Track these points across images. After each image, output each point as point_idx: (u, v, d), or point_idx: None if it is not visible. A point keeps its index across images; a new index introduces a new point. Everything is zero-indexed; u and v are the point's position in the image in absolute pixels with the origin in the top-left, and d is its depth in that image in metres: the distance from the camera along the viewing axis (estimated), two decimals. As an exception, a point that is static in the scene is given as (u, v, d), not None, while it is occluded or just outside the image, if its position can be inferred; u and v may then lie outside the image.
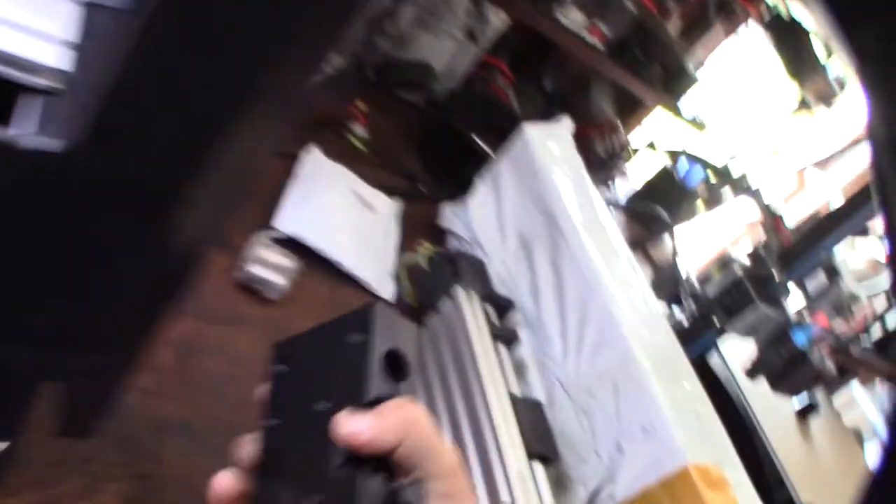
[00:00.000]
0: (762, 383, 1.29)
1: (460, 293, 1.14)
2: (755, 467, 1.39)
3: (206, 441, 0.92)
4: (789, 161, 1.90)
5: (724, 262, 1.27)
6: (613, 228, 1.30)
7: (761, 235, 1.33)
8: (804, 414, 1.54)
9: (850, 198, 1.22)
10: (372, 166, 1.56)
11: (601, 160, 2.12)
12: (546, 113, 2.11)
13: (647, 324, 1.14)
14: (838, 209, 1.23)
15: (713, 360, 1.50)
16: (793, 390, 1.24)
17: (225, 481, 0.39)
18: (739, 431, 1.41)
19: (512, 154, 1.38)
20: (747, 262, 1.28)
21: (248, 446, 0.40)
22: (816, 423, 1.57)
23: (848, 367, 1.81)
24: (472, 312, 1.12)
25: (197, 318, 1.02)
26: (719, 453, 1.03)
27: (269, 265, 1.10)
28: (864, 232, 1.23)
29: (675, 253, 1.47)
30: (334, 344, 0.40)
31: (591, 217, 1.28)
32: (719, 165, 1.83)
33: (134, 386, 0.91)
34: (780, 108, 1.89)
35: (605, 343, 1.11)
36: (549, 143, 1.39)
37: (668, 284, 1.51)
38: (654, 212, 1.77)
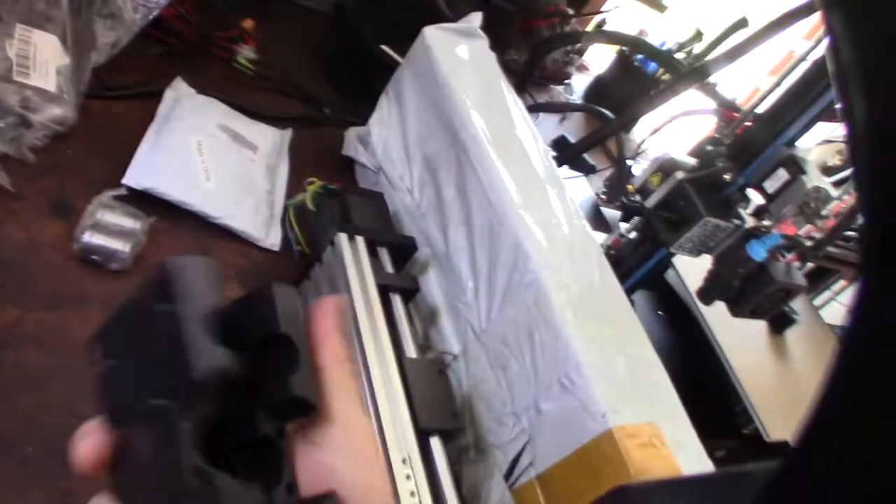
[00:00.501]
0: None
1: (342, 238, 0.96)
2: (720, 399, 1.23)
3: (22, 454, 0.76)
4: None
5: (664, 166, 1.07)
6: (532, 141, 1.10)
7: (712, 131, 1.12)
8: (778, 327, 1.37)
9: (809, 72, 1.01)
10: (266, 91, 1.36)
11: (550, 53, 1.89)
12: (485, 9, 1.88)
13: (568, 254, 0.95)
14: (796, 88, 1.01)
15: (671, 278, 1.32)
16: (756, 313, 1.05)
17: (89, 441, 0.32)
18: (703, 361, 1.24)
19: (413, 62, 1.18)
20: (692, 163, 1.08)
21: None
22: (794, 331, 1.39)
23: (827, 268, 1.62)
24: (354, 261, 0.94)
25: (16, 304, 0.85)
26: (655, 407, 0.85)
27: (108, 230, 0.92)
28: (830, 116, 1.01)
29: (620, 155, 1.26)
30: (146, 318, 0.32)
31: (505, 131, 1.08)
32: (670, 55, 1.60)
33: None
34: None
35: (516, 281, 0.93)
36: (458, 46, 1.18)
37: (616, 193, 1.32)
38: (594, 109, 1.55)
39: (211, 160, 1.06)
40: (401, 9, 1.60)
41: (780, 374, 1.31)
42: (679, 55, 1.84)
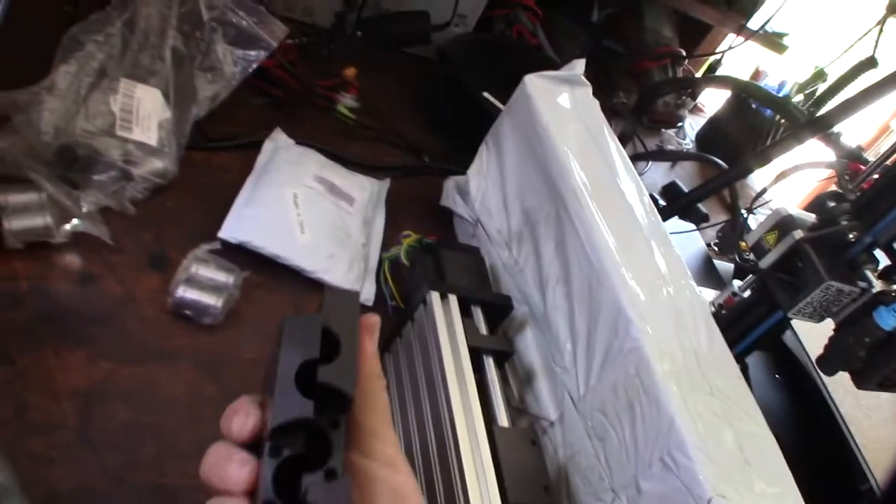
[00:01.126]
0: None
1: (434, 297, 0.92)
2: (841, 473, 1.13)
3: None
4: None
5: (780, 223, 0.99)
6: (636, 194, 1.04)
7: (835, 186, 1.04)
8: (912, 398, 1.25)
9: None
10: (365, 140, 1.35)
11: (661, 98, 1.82)
12: (595, 51, 1.84)
13: (674, 318, 0.89)
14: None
15: (789, 340, 1.23)
16: (885, 386, 0.96)
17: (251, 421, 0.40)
18: (824, 433, 1.14)
19: (513, 111, 1.14)
20: (812, 220, 1.00)
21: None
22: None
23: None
24: (445, 322, 0.90)
25: (108, 359, 0.86)
26: (769, 492, 0.78)
27: (201, 285, 0.92)
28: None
29: (735, 206, 1.18)
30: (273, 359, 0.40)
31: (607, 183, 1.03)
32: (787, 102, 1.51)
33: (21, 451, 0.76)
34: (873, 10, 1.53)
35: (616, 347, 0.87)
36: (560, 94, 1.14)
37: (729, 246, 1.24)
38: (706, 158, 1.47)
39: (307, 213, 1.05)
40: (504, 55, 1.58)
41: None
42: (799, 97, 1.75)
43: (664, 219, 1.15)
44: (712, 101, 2.24)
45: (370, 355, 0.44)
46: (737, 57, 2.10)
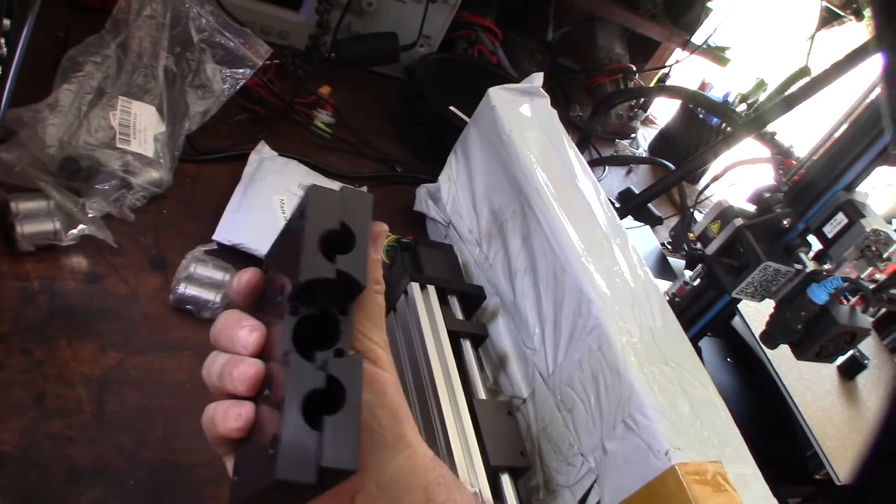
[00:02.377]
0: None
1: (414, 288, 1.02)
2: (789, 442, 1.24)
3: (125, 485, 0.83)
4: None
5: (723, 214, 1.10)
6: (594, 193, 1.14)
7: (769, 177, 1.15)
8: (849, 373, 1.36)
9: (864, 116, 1.03)
10: (342, 152, 1.44)
11: (614, 107, 1.94)
12: (552, 68, 1.95)
13: (630, 300, 0.99)
14: (851, 132, 1.04)
15: (738, 325, 1.34)
16: (821, 356, 1.06)
17: (248, 275, 0.48)
18: (772, 407, 1.25)
19: (478, 121, 1.24)
20: (751, 210, 1.11)
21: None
22: (866, 376, 1.38)
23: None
24: (425, 309, 1.00)
25: (117, 349, 0.93)
26: (719, 447, 0.87)
27: (200, 282, 1.00)
28: (886, 159, 1.03)
29: (683, 204, 1.29)
30: (291, 229, 0.45)
31: (567, 183, 1.13)
32: (727, 107, 1.63)
33: (42, 434, 0.83)
34: (805, 24, 1.67)
35: (580, 326, 0.97)
36: (521, 105, 1.24)
37: (680, 242, 1.35)
38: (655, 161, 1.59)
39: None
40: (468, 72, 1.69)
41: (852, 418, 1.30)
42: (742, 106, 1.88)
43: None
44: (663, 112, 2.37)
45: (373, 261, 0.48)
46: (684, 71, 2.23)
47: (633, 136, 2.17)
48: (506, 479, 0.89)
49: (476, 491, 0.84)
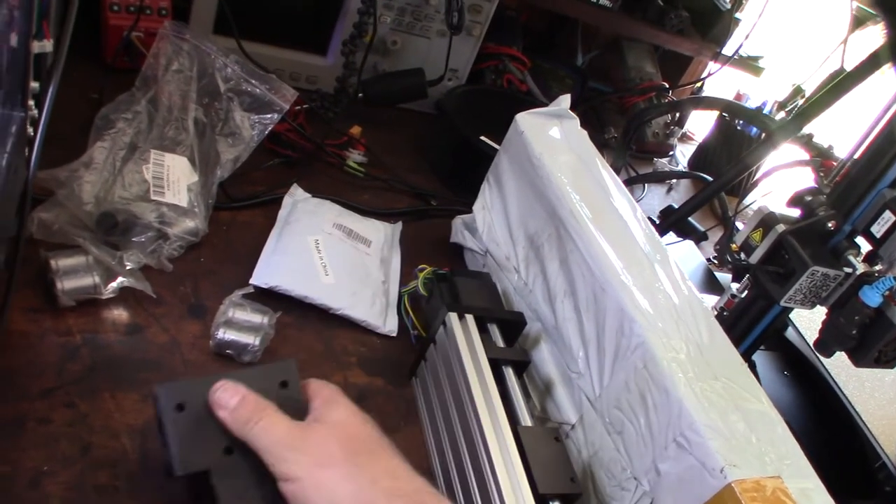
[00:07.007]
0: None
1: (452, 318, 1.01)
2: (854, 454, 1.19)
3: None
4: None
5: (764, 221, 1.07)
6: (630, 211, 1.13)
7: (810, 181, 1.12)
8: (914, 378, 1.31)
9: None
10: (376, 190, 1.45)
11: (646, 123, 1.92)
12: (583, 92, 1.94)
13: (674, 316, 0.96)
14: (891, 127, 1.01)
15: (792, 337, 1.30)
16: (880, 361, 1.02)
17: None
18: (834, 418, 1.20)
19: (509, 148, 1.24)
20: (793, 215, 1.08)
21: None
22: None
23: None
24: (465, 338, 0.98)
25: (161, 399, 0.93)
26: (778, 461, 0.84)
27: (239, 326, 1.01)
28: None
29: (724, 216, 1.27)
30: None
31: (601, 203, 1.11)
32: (760, 113, 1.60)
33: (90, 486, 0.83)
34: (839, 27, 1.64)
35: (623, 345, 0.95)
36: (550, 128, 1.23)
37: (725, 255, 1.31)
38: (692, 175, 1.56)
39: (328, 256, 1.14)
40: (498, 102, 1.69)
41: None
42: (780, 115, 1.85)
43: (660, 236, 1.23)
44: (700, 127, 2.34)
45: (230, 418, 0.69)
46: (718, 84, 2.21)
47: (671, 153, 2.15)
48: (555, 509, 0.86)
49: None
